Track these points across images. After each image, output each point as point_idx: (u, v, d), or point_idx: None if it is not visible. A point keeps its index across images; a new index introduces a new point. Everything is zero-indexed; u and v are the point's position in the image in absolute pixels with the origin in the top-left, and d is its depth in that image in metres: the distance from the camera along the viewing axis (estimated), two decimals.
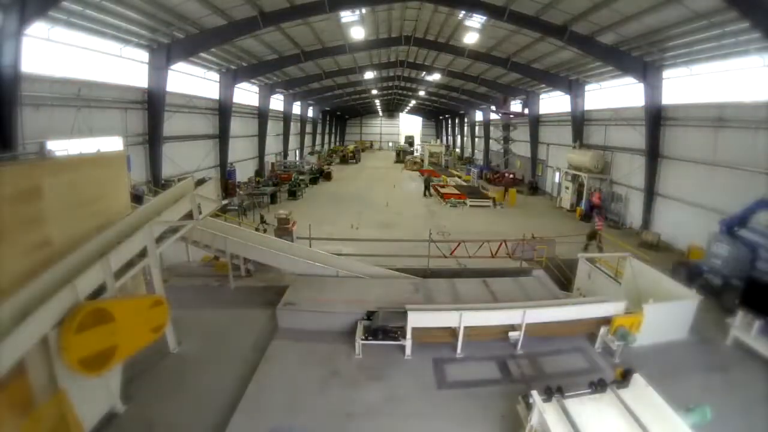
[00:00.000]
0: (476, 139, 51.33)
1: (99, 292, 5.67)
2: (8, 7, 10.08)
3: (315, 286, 10.05)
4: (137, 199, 10.99)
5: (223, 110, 24.67)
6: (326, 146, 58.46)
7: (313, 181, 31.70)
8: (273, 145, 36.41)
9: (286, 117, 38.06)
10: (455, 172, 38.79)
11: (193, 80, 22.12)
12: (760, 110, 12.59)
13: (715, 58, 14.26)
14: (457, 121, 60.78)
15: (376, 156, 57.42)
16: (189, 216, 8.23)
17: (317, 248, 12.44)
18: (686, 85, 16.09)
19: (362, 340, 8.07)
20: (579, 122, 24.15)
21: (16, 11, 10.11)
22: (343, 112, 67.11)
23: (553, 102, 28.80)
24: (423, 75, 38.29)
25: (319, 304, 9.25)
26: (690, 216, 15.63)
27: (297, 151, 44.98)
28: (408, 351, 8.03)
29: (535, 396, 5.54)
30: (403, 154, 53.24)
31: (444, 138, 67.93)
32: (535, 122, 30.90)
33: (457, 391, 7.14)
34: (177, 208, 7.83)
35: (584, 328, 8.63)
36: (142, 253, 6.98)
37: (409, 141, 58.67)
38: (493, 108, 35.29)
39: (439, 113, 65.33)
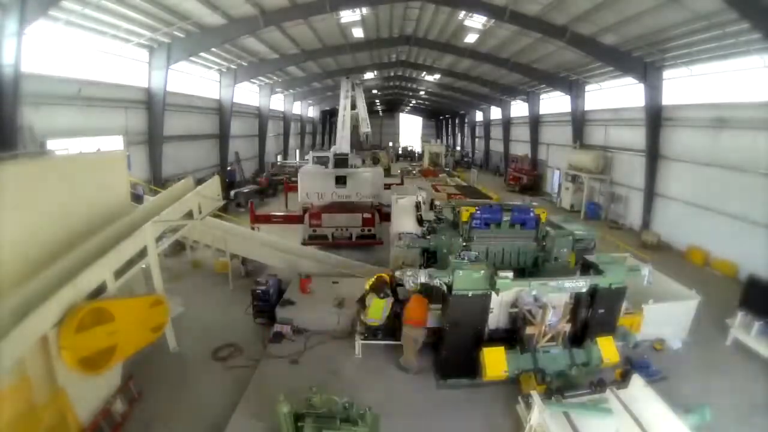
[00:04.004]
0: (476, 140, 51.34)
1: (99, 291, 5.67)
2: (8, 7, 10.08)
3: (315, 286, 10.04)
4: (137, 198, 10.99)
5: (224, 110, 24.69)
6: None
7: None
8: (273, 144, 36.40)
9: (286, 117, 38.06)
10: (456, 173, 38.77)
11: (193, 80, 22.12)
12: (761, 111, 12.58)
13: (715, 59, 14.25)
14: (457, 121, 60.76)
15: None
16: (189, 215, 8.24)
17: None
18: (686, 85, 16.08)
19: (362, 340, 8.07)
20: (579, 122, 24.14)
21: (16, 11, 10.11)
22: None
23: (553, 102, 28.78)
24: (423, 75, 38.26)
25: (318, 304, 9.25)
26: (690, 216, 15.63)
27: (297, 151, 44.92)
28: None
29: (535, 396, 5.54)
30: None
31: (444, 138, 67.91)
32: (535, 122, 30.89)
33: (457, 391, 7.15)
34: (177, 208, 7.84)
35: None
36: (142, 253, 6.98)
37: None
38: None
39: (439, 113, 65.28)
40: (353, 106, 18.41)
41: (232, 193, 21.69)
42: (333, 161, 14.74)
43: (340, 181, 14.05)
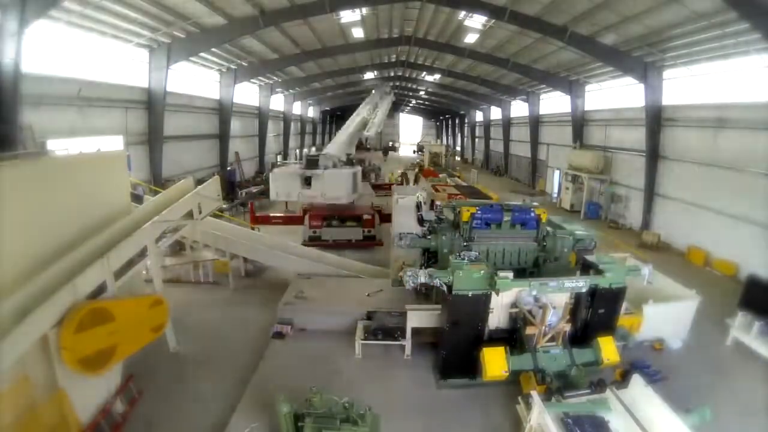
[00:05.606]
0: (476, 140, 51.39)
1: (99, 291, 5.67)
2: (8, 7, 10.07)
3: (315, 286, 10.05)
4: (137, 198, 10.99)
5: (224, 110, 24.69)
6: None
7: None
8: (273, 145, 36.41)
9: (286, 117, 38.06)
10: (455, 173, 38.76)
11: (193, 80, 22.12)
12: (761, 111, 12.58)
13: (715, 59, 14.25)
14: (457, 121, 60.82)
15: None
16: (189, 215, 8.24)
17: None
18: (686, 85, 16.08)
19: (362, 340, 8.08)
20: (579, 122, 24.14)
21: (16, 11, 10.11)
22: (344, 112, 67.27)
23: (553, 102, 28.79)
24: (423, 75, 38.25)
25: (318, 304, 9.25)
26: (690, 217, 15.62)
27: (297, 151, 44.90)
28: (408, 351, 8.04)
29: (535, 396, 5.54)
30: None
31: (444, 138, 67.96)
32: (535, 122, 30.90)
33: (457, 391, 7.15)
34: (177, 208, 7.84)
35: None
36: (142, 253, 6.98)
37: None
38: None
39: (439, 114, 65.30)
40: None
41: (242, 193, 21.70)
42: (305, 161, 14.85)
43: (307, 181, 14.17)
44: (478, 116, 47.76)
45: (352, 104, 56.84)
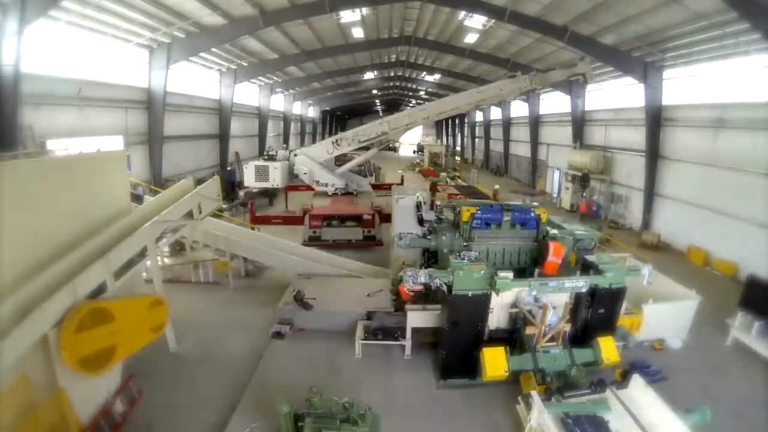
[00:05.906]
0: (476, 140, 51.37)
1: (99, 291, 5.67)
2: (8, 7, 10.08)
3: (315, 286, 10.05)
4: (137, 198, 10.98)
5: (224, 110, 24.69)
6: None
7: None
8: (273, 144, 36.39)
9: (286, 117, 38.05)
10: (456, 173, 38.79)
11: (193, 80, 22.13)
12: (761, 111, 12.57)
13: (715, 59, 14.25)
14: (457, 121, 60.78)
15: None
16: (189, 215, 8.24)
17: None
18: (686, 85, 16.08)
19: (362, 340, 8.08)
20: (579, 122, 24.13)
21: (16, 11, 10.11)
22: (343, 112, 67.27)
23: (553, 102, 28.77)
24: (423, 75, 38.29)
25: (318, 304, 9.25)
26: (690, 216, 15.62)
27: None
28: (408, 351, 8.04)
29: (535, 396, 5.54)
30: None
31: (444, 138, 67.93)
32: (535, 122, 30.89)
33: (457, 391, 7.15)
34: (177, 208, 7.84)
35: None
36: (142, 253, 6.98)
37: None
38: None
39: None
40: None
41: (241, 193, 21.55)
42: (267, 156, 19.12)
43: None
44: (478, 116, 47.74)
45: (352, 104, 57.05)
